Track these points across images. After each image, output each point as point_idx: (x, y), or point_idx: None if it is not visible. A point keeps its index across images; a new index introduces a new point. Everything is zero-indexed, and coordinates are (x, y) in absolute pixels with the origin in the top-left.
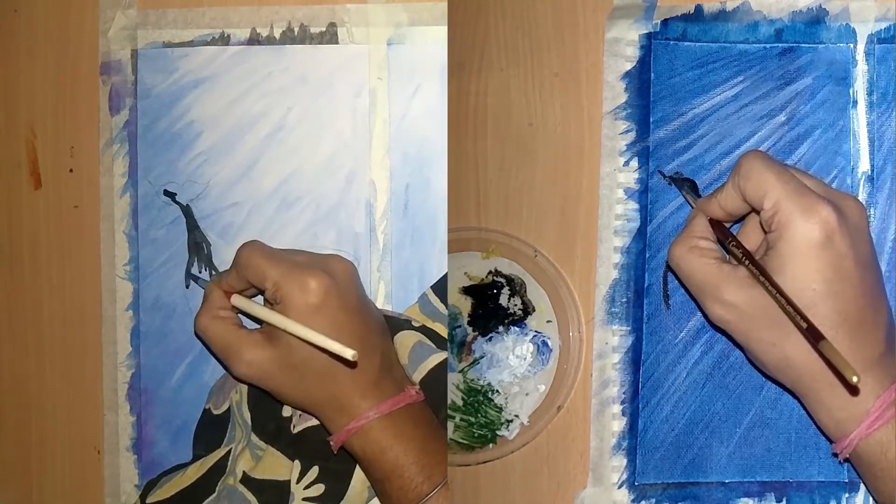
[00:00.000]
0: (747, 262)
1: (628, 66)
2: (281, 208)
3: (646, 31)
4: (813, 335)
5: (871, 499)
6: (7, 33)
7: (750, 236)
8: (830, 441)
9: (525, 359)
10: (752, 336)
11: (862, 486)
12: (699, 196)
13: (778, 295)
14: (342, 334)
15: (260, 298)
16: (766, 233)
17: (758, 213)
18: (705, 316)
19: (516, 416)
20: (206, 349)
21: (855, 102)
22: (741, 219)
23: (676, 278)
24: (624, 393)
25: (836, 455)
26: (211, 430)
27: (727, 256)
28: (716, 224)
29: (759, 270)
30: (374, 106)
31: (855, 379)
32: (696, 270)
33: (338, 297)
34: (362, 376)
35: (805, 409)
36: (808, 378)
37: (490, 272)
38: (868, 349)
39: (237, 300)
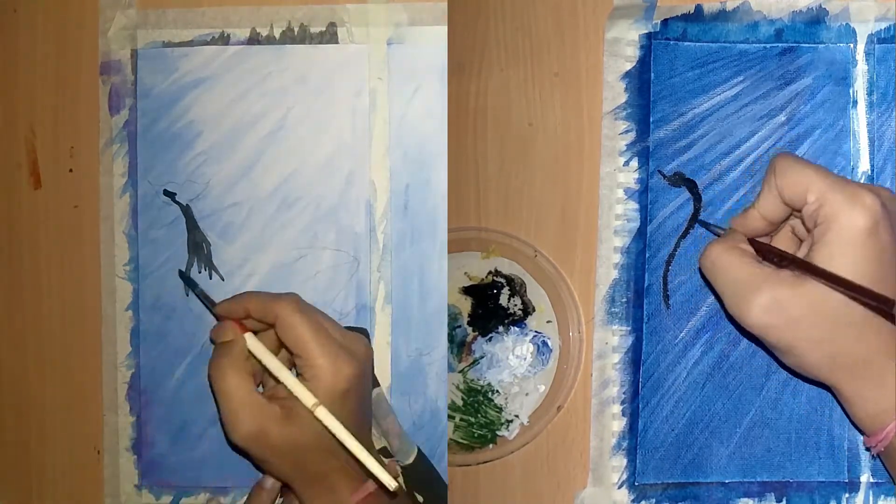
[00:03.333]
0: (795, 263)
1: (628, 66)
2: (281, 208)
3: (646, 31)
4: (886, 304)
5: (870, 499)
6: (7, 33)
7: (781, 246)
8: (864, 434)
9: (525, 359)
10: (798, 335)
11: (862, 486)
12: (700, 198)
13: (835, 281)
14: (353, 422)
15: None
16: (808, 230)
17: (798, 212)
18: (735, 325)
19: (516, 416)
20: (206, 349)
21: (855, 102)
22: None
23: (707, 284)
24: (624, 393)
25: (868, 449)
26: None
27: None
28: (755, 243)
29: (809, 267)
30: (374, 106)
31: None
32: (735, 268)
33: (360, 385)
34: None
35: (839, 402)
36: (848, 372)
37: (490, 272)
38: None
39: (256, 347)
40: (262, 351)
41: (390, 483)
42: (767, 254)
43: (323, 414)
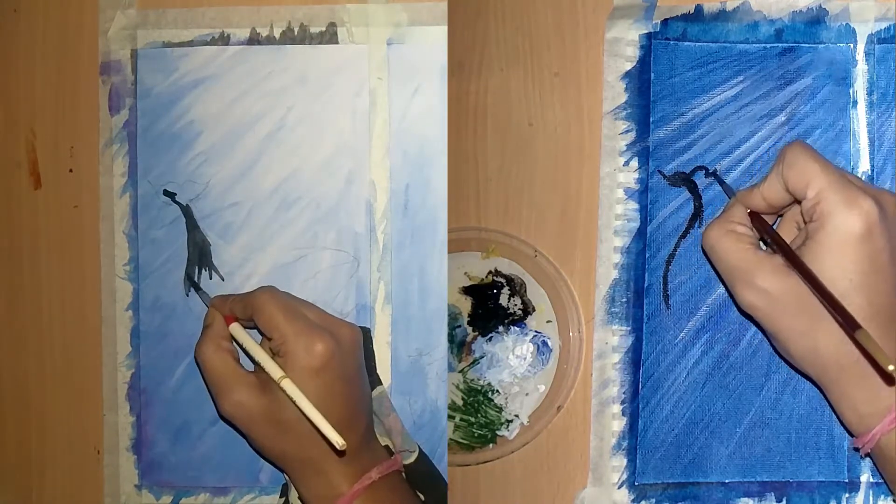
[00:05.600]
0: (783, 252)
1: (628, 66)
2: (281, 208)
3: (646, 31)
4: (849, 324)
5: (870, 499)
6: (7, 33)
7: (784, 230)
8: (852, 435)
9: (525, 359)
10: (782, 324)
11: (862, 486)
12: (700, 198)
13: (813, 284)
14: (334, 402)
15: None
16: (805, 223)
17: (799, 202)
18: (734, 302)
19: (516, 416)
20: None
21: (855, 102)
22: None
23: (709, 262)
24: (624, 393)
25: (857, 450)
26: None
27: (762, 245)
28: (754, 216)
29: (796, 260)
30: (374, 106)
31: (891, 367)
32: (730, 254)
33: (339, 364)
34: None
35: (828, 401)
36: (835, 370)
37: (490, 272)
38: None
39: (237, 331)
40: (243, 335)
41: (338, 441)
42: (761, 232)
43: (287, 384)
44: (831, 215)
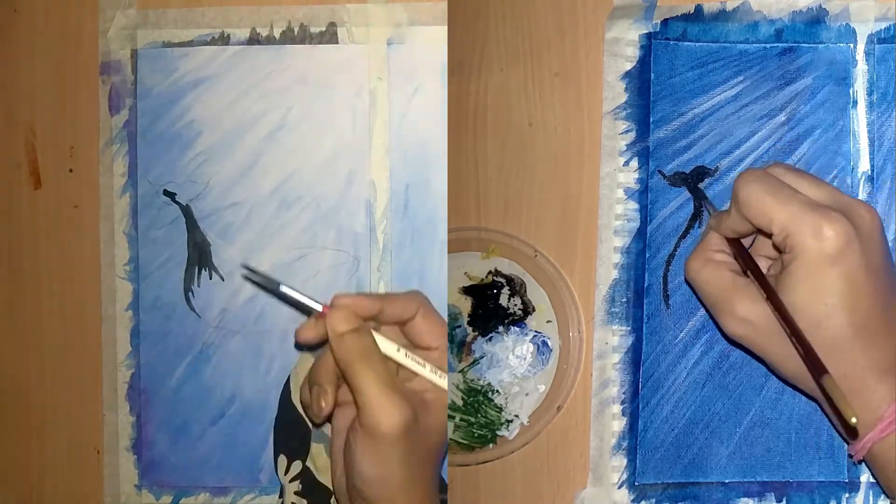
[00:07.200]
0: (757, 280)
1: (628, 66)
2: (281, 208)
3: (646, 31)
4: (816, 368)
5: (870, 499)
6: (7, 33)
7: (767, 245)
8: (847, 443)
9: (525, 359)
10: (768, 349)
11: (862, 486)
12: (707, 197)
13: (786, 321)
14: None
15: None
16: (780, 252)
17: (768, 236)
18: (722, 332)
19: (516, 416)
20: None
21: (855, 102)
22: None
23: (695, 294)
24: (624, 393)
25: (851, 456)
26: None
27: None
28: (732, 240)
29: (766, 291)
30: (374, 106)
31: (854, 420)
32: (710, 284)
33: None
34: (877, 353)
35: (823, 411)
36: None
37: (490, 272)
38: (883, 355)
39: (382, 343)
40: (384, 343)
41: (443, 384)
42: (738, 258)
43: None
44: (801, 246)
